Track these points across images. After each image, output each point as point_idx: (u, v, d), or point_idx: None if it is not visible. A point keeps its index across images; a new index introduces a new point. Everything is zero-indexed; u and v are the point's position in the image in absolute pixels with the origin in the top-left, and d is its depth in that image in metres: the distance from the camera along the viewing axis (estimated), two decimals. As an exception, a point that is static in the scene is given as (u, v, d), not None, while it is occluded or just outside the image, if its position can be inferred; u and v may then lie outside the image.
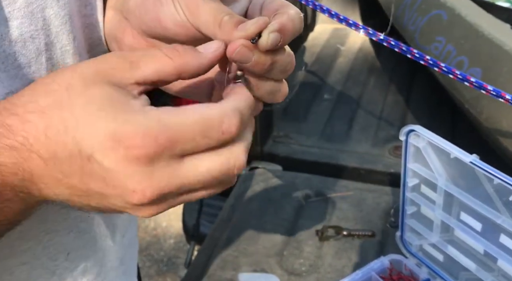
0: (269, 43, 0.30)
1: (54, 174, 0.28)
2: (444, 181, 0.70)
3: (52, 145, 0.28)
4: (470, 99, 0.85)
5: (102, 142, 0.27)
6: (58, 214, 0.40)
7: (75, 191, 0.29)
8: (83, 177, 0.28)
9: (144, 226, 2.11)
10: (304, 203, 1.07)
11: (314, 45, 1.73)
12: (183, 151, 0.27)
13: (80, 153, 0.27)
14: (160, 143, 0.26)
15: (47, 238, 0.40)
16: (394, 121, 1.33)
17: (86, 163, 0.27)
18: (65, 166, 0.28)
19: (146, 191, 0.27)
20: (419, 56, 0.76)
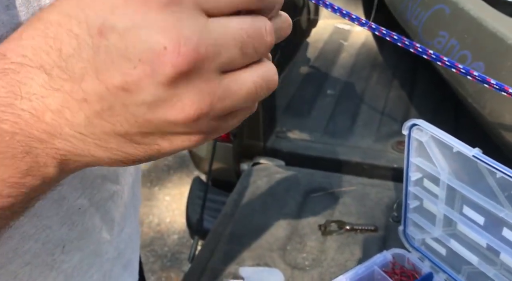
0: None
1: (62, 87, 0.22)
2: (446, 175, 0.70)
3: (55, 44, 0.22)
4: (473, 93, 0.85)
5: (112, 2, 0.21)
6: (50, 209, 0.40)
7: (92, 104, 0.22)
8: (99, 69, 0.21)
9: (148, 222, 2.12)
10: (307, 198, 1.07)
11: (317, 41, 1.73)
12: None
13: (90, 32, 0.21)
14: None
15: (44, 234, 0.40)
16: (397, 116, 1.33)
17: (99, 42, 0.21)
18: (74, 63, 0.21)
19: (179, 42, 0.20)
20: (422, 50, 0.76)
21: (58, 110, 0.22)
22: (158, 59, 0.21)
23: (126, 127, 0.23)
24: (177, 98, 0.22)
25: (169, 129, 0.23)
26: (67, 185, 0.41)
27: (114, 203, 0.50)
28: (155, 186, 2.30)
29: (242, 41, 0.22)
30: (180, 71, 0.21)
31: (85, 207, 0.44)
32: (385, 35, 0.88)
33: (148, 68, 0.21)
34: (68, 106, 0.22)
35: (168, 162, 2.45)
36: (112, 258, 0.51)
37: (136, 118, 0.22)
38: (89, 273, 0.47)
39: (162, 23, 0.20)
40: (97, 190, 0.46)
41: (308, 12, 1.70)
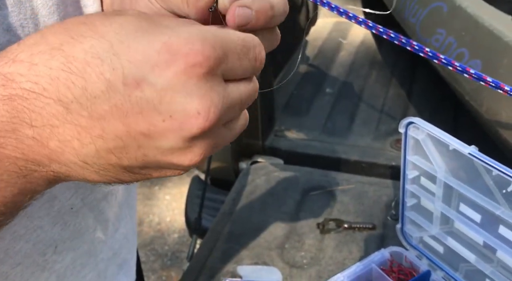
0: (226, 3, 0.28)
1: (79, 121, 0.23)
2: (443, 173, 0.71)
3: (79, 81, 0.22)
4: (471, 91, 0.85)
5: (154, 59, 0.22)
6: (41, 209, 0.40)
7: (107, 141, 0.23)
8: (127, 115, 0.23)
9: (149, 221, 2.13)
10: (305, 197, 1.07)
11: (316, 39, 1.73)
12: (231, 69, 0.26)
13: (125, 81, 0.22)
14: (218, 53, 0.24)
15: (35, 234, 0.40)
16: (396, 115, 1.33)
17: (132, 92, 0.22)
18: (98, 104, 0.22)
19: (209, 110, 0.23)
20: (419, 48, 0.76)
21: (67, 140, 0.24)
22: (190, 120, 0.23)
23: (131, 162, 0.25)
24: (190, 149, 0.25)
25: (168, 167, 0.26)
26: (59, 185, 0.41)
27: (108, 203, 0.50)
28: (155, 186, 2.30)
29: (243, 103, 0.27)
30: (204, 132, 0.24)
31: (77, 207, 0.44)
32: (382, 33, 0.88)
33: (177, 124, 0.23)
34: (79, 138, 0.24)
35: (169, 161, 2.45)
36: (107, 258, 0.51)
37: (146, 158, 0.25)
38: (83, 273, 0.47)
39: (199, 91, 0.23)
40: (90, 191, 0.46)
41: (307, 11, 1.70)
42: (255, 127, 1.23)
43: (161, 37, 0.23)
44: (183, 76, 0.23)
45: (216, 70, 0.24)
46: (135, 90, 0.23)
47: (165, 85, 0.23)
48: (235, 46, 0.25)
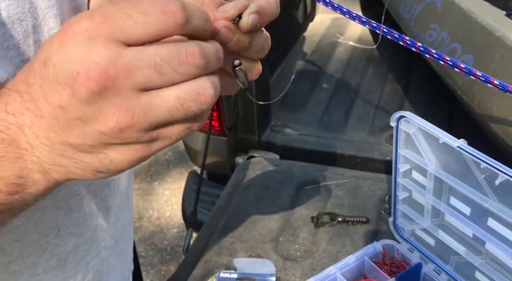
0: (249, 24, 0.32)
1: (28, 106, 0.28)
2: (434, 167, 0.71)
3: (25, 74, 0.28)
4: (463, 85, 0.85)
5: (55, 38, 0.26)
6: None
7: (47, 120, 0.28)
8: (45, 92, 0.27)
9: (148, 216, 2.14)
10: (300, 191, 1.08)
11: (314, 35, 1.73)
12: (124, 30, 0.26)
13: (38, 62, 0.27)
14: (97, 18, 0.26)
15: (38, 214, 0.41)
16: (391, 110, 1.33)
17: (43, 70, 0.27)
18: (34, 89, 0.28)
19: (88, 69, 0.25)
20: (411, 43, 0.76)
21: (29, 125, 0.28)
22: (74, 82, 0.26)
23: (73, 138, 0.28)
24: (98, 112, 0.26)
25: (104, 140, 0.28)
26: None
27: (110, 191, 0.51)
28: (155, 181, 2.31)
29: (156, 64, 0.26)
30: (92, 90, 0.26)
31: (83, 193, 0.46)
32: (375, 28, 0.89)
33: (70, 90, 0.26)
34: (34, 122, 0.28)
35: (168, 157, 2.46)
36: (109, 246, 0.52)
37: (77, 131, 0.27)
38: (86, 259, 0.48)
39: (77, 54, 0.26)
40: None
41: (305, 7, 1.70)
42: (251, 122, 1.24)
43: (69, 27, 0.26)
44: (64, 44, 0.26)
45: (96, 31, 0.26)
46: (44, 68, 0.27)
47: (57, 57, 0.26)
48: (124, 12, 0.26)
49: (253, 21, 0.32)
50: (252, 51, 0.34)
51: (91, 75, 0.25)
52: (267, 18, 0.33)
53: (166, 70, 0.26)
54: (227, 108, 1.19)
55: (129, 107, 0.26)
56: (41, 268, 0.43)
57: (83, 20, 0.26)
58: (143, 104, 0.27)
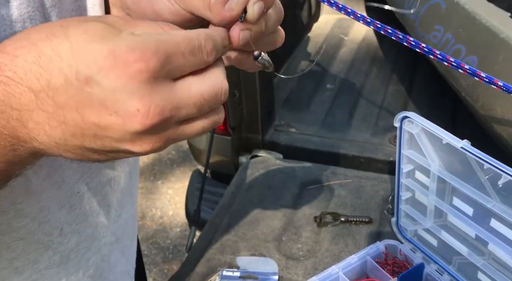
0: (255, 15, 0.33)
1: (46, 108, 0.27)
2: (437, 167, 0.72)
3: (45, 74, 0.27)
4: (467, 87, 0.85)
5: (101, 61, 0.27)
6: (50, 191, 0.42)
7: (69, 126, 0.28)
8: (80, 106, 0.27)
9: (151, 215, 2.15)
10: (303, 190, 1.08)
11: (318, 35, 1.74)
12: (177, 68, 0.29)
13: (77, 77, 0.27)
14: (159, 58, 0.27)
15: (42, 215, 0.42)
16: (395, 111, 1.33)
17: (83, 87, 0.27)
18: (59, 95, 0.27)
19: (149, 109, 0.27)
20: (415, 44, 0.77)
21: (40, 123, 0.28)
22: (131, 117, 0.27)
23: (92, 145, 0.29)
24: (139, 141, 0.29)
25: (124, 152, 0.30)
26: (67, 168, 0.43)
27: (111, 188, 0.51)
28: (158, 180, 2.32)
29: (200, 104, 0.30)
30: (145, 128, 0.28)
31: (83, 191, 0.46)
32: (380, 29, 0.89)
33: (120, 120, 0.27)
34: (48, 122, 0.28)
35: (172, 156, 2.47)
36: (110, 243, 0.53)
37: (102, 143, 0.29)
38: (86, 256, 0.49)
39: (139, 92, 0.27)
40: (95, 175, 0.48)
41: (310, 7, 1.70)
42: (255, 121, 1.24)
43: (109, 44, 0.27)
44: (125, 79, 0.27)
45: (158, 73, 0.28)
46: (85, 86, 0.27)
47: (109, 85, 0.27)
48: (178, 46, 0.29)
49: (259, 11, 0.33)
50: (271, 26, 0.35)
51: (151, 115, 0.27)
52: (271, 2, 0.34)
53: (205, 108, 0.30)
54: (231, 108, 1.19)
55: (166, 136, 0.30)
56: (43, 265, 0.44)
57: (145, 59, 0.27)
58: (177, 133, 0.30)
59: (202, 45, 0.30)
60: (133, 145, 0.29)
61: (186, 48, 0.29)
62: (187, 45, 0.29)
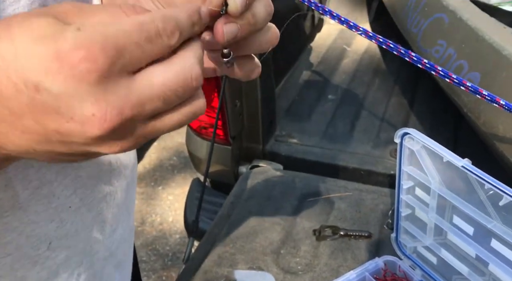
0: (238, 5, 0.30)
1: (5, 118, 0.26)
2: (437, 185, 0.71)
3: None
4: (468, 103, 0.85)
5: (47, 65, 0.24)
6: (38, 204, 0.41)
7: (32, 136, 0.26)
8: (36, 114, 0.25)
9: (151, 221, 2.14)
10: (302, 202, 1.08)
11: (321, 46, 1.74)
12: (132, 60, 0.26)
13: (26, 84, 0.25)
14: (108, 54, 0.24)
15: (30, 228, 0.41)
16: (397, 123, 1.33)
17: (35, 95, 0.25)
18: (13, 104, 0.25)
19: (105, 112, 0.25)
20: (417, 60, 0.76)
21: (4, 133, 0.27)
22: (87, 122, 0.25)
23: (62, 149, 0.28)
24: (104, 143, 0.27)
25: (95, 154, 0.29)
26: (58, 183, 0.42)
27: (107, 204, 0.50)
28: (159, 185, 2.32)
29: (165, 96, 0.27)
30: (105, 132, 0.26)
31: (76, 206, 0.45)
32: (381, 43, 0.89)
33: (79, 126, 0.25)
34: (11, 132, 0.27)
35: (173, 162, 2.47)
36: (103, 258, 0.52)
37: (71, 148, 0.27)
38: (77, 271, 0.48)
39: (91, 95, 0.25)
40: (90, 191, 0.47)
41: (313, 17, 1.71)
42: (256, 131, 1.24)
43: (53, 45, 0.24)
44: (73, 82, 0.24)
45: (109, 70, 0.25)
46: (36, 93, 0.25)
47: (59, 90, 0.25)
48: (129, 36, 0.25)
49: (241, 2, 0.30)
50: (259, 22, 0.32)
51: (108, 118, 0.25)
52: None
53: (173, 99, 0.27)
54: (232, 117, 1.19)
55: (135, 135, 0.27)
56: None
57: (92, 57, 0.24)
58: (148, 132, 0.28)
59: (160, 28, 0.26)
60: (100, 148, 0.27)
61: (140, 37, 0.26)
62: (141, 32, 0.26)
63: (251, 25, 0.32)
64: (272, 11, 0.33)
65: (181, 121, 0.29)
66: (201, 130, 1.25)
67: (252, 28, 0.32)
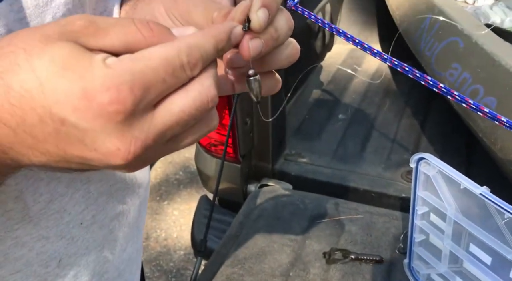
0: (261, 21, 0.31)
1: (26, 142, 0.26)
2: (453, 211, 0.70)
3: (18, 111, 0.25)
4: (485, 128, 0.84)
5: (75, 103, 0.25)
6: (49, 220, 0.41)
7: (52, 157, 0.27)
8: (59, 143, 0.26)
9: (155, 236, 2.12)
10: (312, 224, 1.06)
11: (331, 65, 1.74)
12: (157, 96, 0.27)
13: (52, 118, 0.25)
14: (136, 94, 0.25)
15: (40, 244, 0.40)
16: (408, 145, 1.32)
17: (59, 127, 0.25)
18: (37, 132, 0.26)
19: (130, 145, 0.26)
20: (433, 83, 0.76)
21: (23, 153, 0.27)
22: (112, 155, 0.26)
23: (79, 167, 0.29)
24: (126, 167, 0.28)
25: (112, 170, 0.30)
26: (69, 197, 0.42)
27: (119, 223, 0.50)
28: (164, 200, 2.31)
29: (184, 122, 0.28)
30: (129, 162, 0.27)
31: (88, 223, 0.44)
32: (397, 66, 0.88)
33: (102, 156, 0.27)
34: (31, 153, 0.27)
35: (179, 176, 2.46)
36: (112, 278, 0.51)
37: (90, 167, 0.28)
38: None
39: (117, 132, 0.26)
40: (102, 208, 0.46)
41: (324, 37, 1.72)
42: (265, 150, 1.23)
43: (80, 83, 0.25)
44: (101, 120, 0.25)
45: (137, 109, 0.26)
46: (61, 126, 0.26)
47: (86, 126, 0.25)
48: (156, 74, 0.26)
49: (263, 17, 0.30)
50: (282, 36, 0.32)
51: (132, 150, 0.26)
52: (275, 7, 0.32)
53: (190, 123, 0.28)
54: (242, 135, 1.18)
55: (152, 157, 0.29)
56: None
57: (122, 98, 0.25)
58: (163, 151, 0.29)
59: (185, 63, 0.27)
60: (119, 169, 0.28)
61: (167, 73, 0.26)
62: (167, 68, 0.26)
63: (274, 39, 0.32)
64: (292, 25, 0.34)
65: (194, 140, 0.30)
66: (210, 147, 1.24)
67: (275, 43, 0.32)
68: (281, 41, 0.33)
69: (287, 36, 0.33)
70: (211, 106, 0.28)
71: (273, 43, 0.32)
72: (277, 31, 0.32)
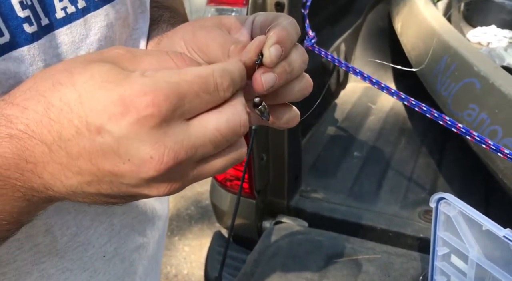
0: (272, 57, 0.32)
1: (60, 160, 0.27)
2: (476, 253, 0.68)
3: (56, 126, 0.26)
4: (504, 169, 0.83)
5: (111, 109, 0.25)
6: (74, 252, 0.41)
7: (84, 176, 0.27)
8: (93, 156, 0.26)
9: (166, 272, 2.09)
10: (329, 263, 1.04)
11: (345, 103, 1.76)
12: (191, 109, 0.27)
13: (88, 127, 0.26)
14: (171, 101, 0.26)
15: (64, 277, 0.40)
16: (425, 184, 1.30)
17: (95, 137, 0.26)
18: (71, 146, 0.26)
19: (163, 154, 0.26)
20: (451, 124, 0.76)
21: (55, 174, 0.28)
22: (144, 164, 0.26)
23: (108, 192, 0.28)
24: (155, 185, 0.28)
25: (141, 196, 0.29)
26: (93, 230, 0.43)
27: (139, 255, 0.50)
28: (175, 236, 2.29)
29: (217, 141, 0.28)
30: (161, 173, 0.27)
31: (110, 256, 0.45)
32: (414, 105, 0.89)
33: (135, 167, 0.27)
34: (64, 173, 0.28)
35: (191, 211, 2.44)
36: None
37: (119, 190, 0.28)
38: None
39: (151, 138, 0.26)
40: (124, 240, 0.47)
41: (338, 75, 1.75)
42: (281, 186, 1.23)
43: (118, 90, 0.26)
44: (136, 126, 0.26)
45: (171, 116, 0.26)
46: (97, 136, 0.26)
47: (121, 133, 0.26)
48: (191, 87, 0.27)
49: (276, 53, 0.32)
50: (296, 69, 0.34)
51: (165, 160, 0.26)
52: (289, 42, 0.33)
53: (223, 144, 0.29)
54: (258, 171, 1.19)
55: (184, 178, 0.28)
56: None
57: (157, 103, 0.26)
58: (195, 173, 0.29)
59: (218, 83, 0.28)
60: (150, 190, 0.28)
61: (200, 88, 0.27)
62: (201, 85, 0.27)
63: (287, 73, 0.33)
64: (307, 59, 0.35)
65: (225, 166, 0.30)
66: (226, 182, 1.25)
67: (289, 76, 0.33)
68: (294, 75, 0.34)
69: (301, 70, 0.35)
70: (243, 131, 0.29)
71: (286, 76, 0.33)
72: (291, 65, 0.33)
